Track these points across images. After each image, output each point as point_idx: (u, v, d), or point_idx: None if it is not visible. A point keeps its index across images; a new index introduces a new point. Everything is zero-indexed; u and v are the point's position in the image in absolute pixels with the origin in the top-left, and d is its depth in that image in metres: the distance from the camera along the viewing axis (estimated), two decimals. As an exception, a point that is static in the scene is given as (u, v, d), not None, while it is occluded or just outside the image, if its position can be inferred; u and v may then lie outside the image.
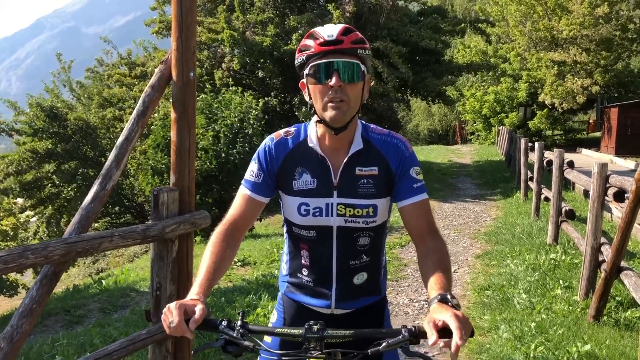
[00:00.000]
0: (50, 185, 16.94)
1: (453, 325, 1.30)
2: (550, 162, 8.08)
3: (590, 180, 5.06)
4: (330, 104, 1.68)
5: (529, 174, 10.90)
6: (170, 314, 1.40)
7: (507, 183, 14.83)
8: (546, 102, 24.03)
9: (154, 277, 3.02)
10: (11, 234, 11.38)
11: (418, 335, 1.42)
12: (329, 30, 1.69)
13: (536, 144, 9.40)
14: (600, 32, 22.00)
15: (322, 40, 1.67)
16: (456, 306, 1.42)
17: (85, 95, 19.98)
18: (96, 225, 17.19)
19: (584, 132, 30.87)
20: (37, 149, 16.32)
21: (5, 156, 16.80)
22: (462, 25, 17.35)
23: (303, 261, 1.89)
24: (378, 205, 1.80)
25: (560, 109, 24.36)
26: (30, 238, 16.61)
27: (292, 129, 1.88)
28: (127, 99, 18.44)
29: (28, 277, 13.82)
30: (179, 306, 1.42)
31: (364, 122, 1.87)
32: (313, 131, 1.82)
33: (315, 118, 1.79)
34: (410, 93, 18.46)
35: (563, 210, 7.17)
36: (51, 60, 19.65)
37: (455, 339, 1.28)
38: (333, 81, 1.65)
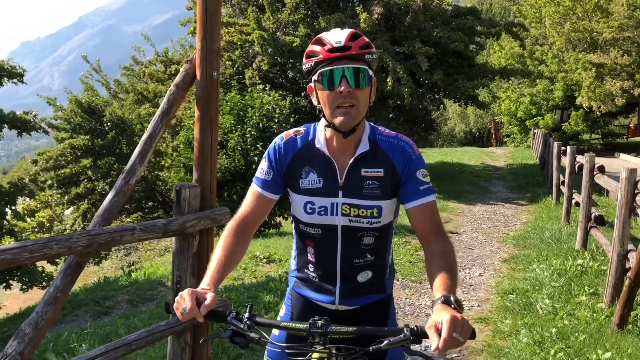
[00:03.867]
0: (85, 180, 17.39)
1: (444, 327, 1.33)
2: (582, 167, 7.92)
3: (619, 186, 4.96)
4: (339, 110, 1.71)
5: (561, 178, 10.71)
6: (183, 301, 1.49)
7: (540, 187, 14.56)
8: (584, 104, 23.46)
9: (174, 270, 3.11)
10: (47, 225, 11.71)
11: (419, 334, 1.44)
12: (337, 37, 1.71)
13: (568, 148, 9.23)
14: (641, 34, 21.38)
15: (330, 46, 1.69)
16: (458, 308, 1.44)
17: (123, 90, 20.38)
18: (128, 220, 17.56)
19: (624, 137, 30.01)
20: (75, 145, 16.78)
21: (44, 152, 17.30)
22: (497, 27, 16.91)
23: (309, 257, 1.94)
24: (383, 207, 1.83)
25: (598, 112, 23.75)
26: (67, 230, 17.07)
27: (301, 128, 1.93)
28: (162, 95, 18.73)
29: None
30: (190, 293, 1.50)
31: (372, 124, 1.90)
32: (321, 132, 1.85)
33: (324, 120, 1.82)
34: (443, 95, 18.20)
35: (592, 215, 7.03)
36: (92, 57, 20.10)
37: (440, 341, 1.32)
38: (342, 88, 1.68)
